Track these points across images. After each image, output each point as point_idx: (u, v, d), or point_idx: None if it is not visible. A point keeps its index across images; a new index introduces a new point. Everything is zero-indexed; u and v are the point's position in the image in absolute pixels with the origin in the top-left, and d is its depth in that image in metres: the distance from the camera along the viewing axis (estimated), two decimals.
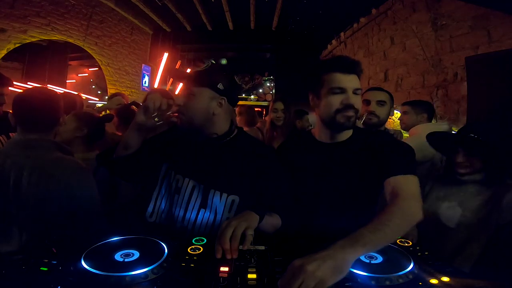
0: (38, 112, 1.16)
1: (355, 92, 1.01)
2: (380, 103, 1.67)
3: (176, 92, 8.14)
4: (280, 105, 2.26)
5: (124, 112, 2.10)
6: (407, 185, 0.88)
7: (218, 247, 0.75)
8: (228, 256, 0.74)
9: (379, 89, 1.81)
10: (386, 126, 1.80)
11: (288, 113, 2.26)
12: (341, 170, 1.05)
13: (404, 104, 2.29)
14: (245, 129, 1.83)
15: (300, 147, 1.17)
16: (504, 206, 1.21)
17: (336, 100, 1.01)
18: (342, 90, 1.00)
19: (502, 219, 1.21)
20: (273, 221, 0.96)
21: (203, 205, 1.02)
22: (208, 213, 1.01)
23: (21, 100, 1.18)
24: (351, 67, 1.01)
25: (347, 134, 1.09)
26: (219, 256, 0.74)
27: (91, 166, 1.67)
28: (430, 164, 1.91)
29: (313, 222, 1.01)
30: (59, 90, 6.03)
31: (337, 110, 1.01)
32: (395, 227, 0.75)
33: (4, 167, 1.07)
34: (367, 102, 1.71)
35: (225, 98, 1.06)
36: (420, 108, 2.16)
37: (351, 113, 1.00)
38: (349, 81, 1.00)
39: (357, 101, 1.01)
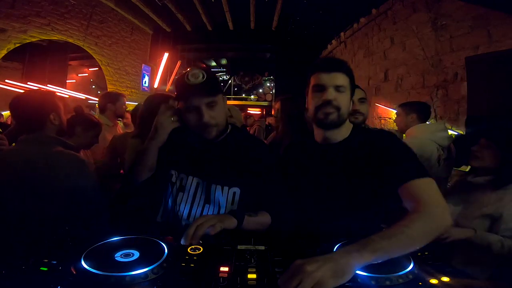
0: (26, 113, 1.31)
1: (337, 89, 1.01)
2: (361, 100, 1.69)
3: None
4: (277, 105, 2.18)
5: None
6: (429, 189, 0.83)
7: (186, 232, 0.81)
8: (185, 242, 0.79)
9: (357, 86, 1.85)
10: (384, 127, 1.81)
11: (286, 109, 2.12)
12: (336, 172, 1.04)
13: (398, 106, 2.32)
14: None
15: (302, 148, 1.18)
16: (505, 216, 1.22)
17: (316, 97, 1.02)
18: (322, 87, 1.01)
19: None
20: (260, 220, 0.99)
21: (207, 201, 1.05)
22: (212, 208, 1.04)
23: (11, 104, 1.34)
24: (333, 65, 1.03)
25: (342, 134, 1.07)
26: (184, 242, 0.80)
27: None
28: (426, 165, 1.94)
29: (312, 222, 1.01)
30: (58, 90, 6.03)
31: (317, 107, 1.02)
32: (415, 234, 0.71)
33: (15, 163, 1.21)
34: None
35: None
36: (409, 109, 2.18)
37: (329, 109, 1.00)
38: (330, 79, 1.00)
39: (339, 98, 1.00)
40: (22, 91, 1.40)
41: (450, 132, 2.61)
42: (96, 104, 8.23)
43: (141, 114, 1.85)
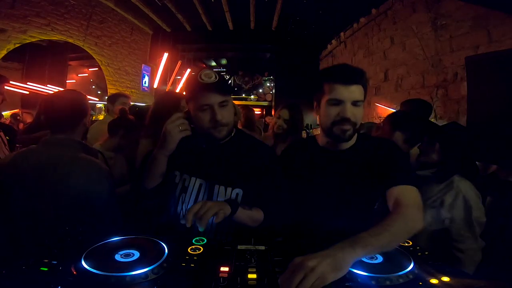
0: (62, 113, 1.25)
1: (354, 104, 0.98)
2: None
3: (177, 90, 8.15)
4: (285, 114, 2.08)
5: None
6: (410, 195, 0.91)
7: (188, 215, 0.81)
8: (188, 224, 0.81)
9: None
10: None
11: (292, 121, 2.05)
12: (340, 177, 1.05)
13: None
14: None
15: (303, 152, 1.18)
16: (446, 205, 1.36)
17: (333, 112, 0.99)
18: (339, 102, 0.98)
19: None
20: (252, 214, 0.99)
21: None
22: None
23: (45, 102, 1.29)
24: (353, 77, 0.99)
25: (349, 142, 1.07)
26: (188, 224, 0.81)
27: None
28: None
29: (314, 224, 1.01)
30: (58, 90, 6.03)
31: (334, 122, 1.00)
32: (396, 232, 0.77)
33: (33, 164, 1.18)
34: None
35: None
36: (404, 107, 2.27)
37: (347, 126, 0.99)
38: (349, 93, 0.97)
39: (356, 113, 0.99)
40: (21, 91, 1.38)
41: None
42: (96, 104, 8.20)
43: (151, 114, 1.84)
